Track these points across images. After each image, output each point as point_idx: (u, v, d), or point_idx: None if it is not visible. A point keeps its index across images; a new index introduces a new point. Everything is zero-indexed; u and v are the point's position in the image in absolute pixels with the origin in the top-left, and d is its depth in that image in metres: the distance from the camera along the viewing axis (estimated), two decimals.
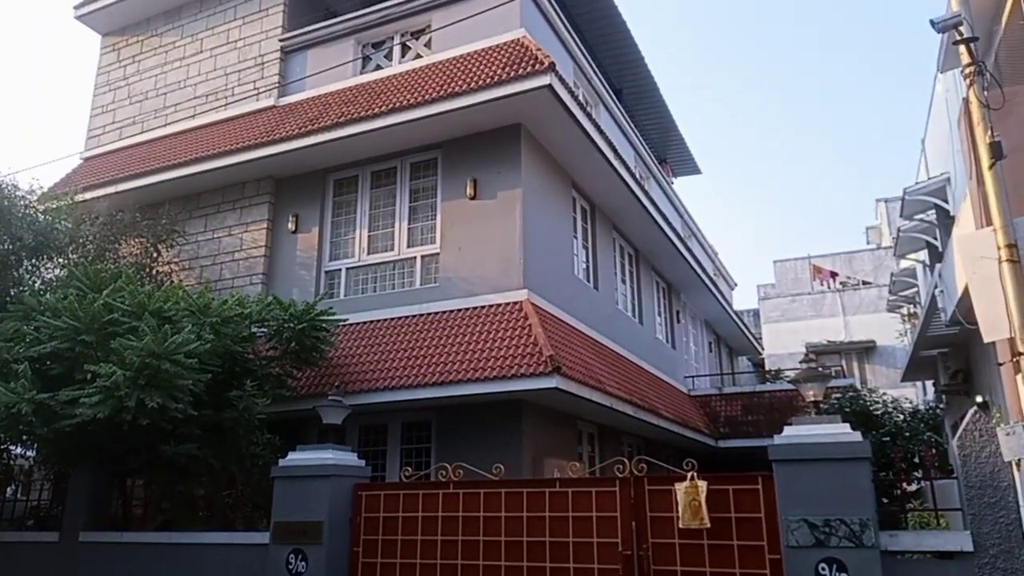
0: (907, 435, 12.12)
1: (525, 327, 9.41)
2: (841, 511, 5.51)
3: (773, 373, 21.92)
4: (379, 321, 10.72)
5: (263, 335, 9.49)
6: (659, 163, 20.16)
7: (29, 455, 10.70)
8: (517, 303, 9.89)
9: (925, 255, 14.91)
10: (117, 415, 7.44)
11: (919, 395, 22.58)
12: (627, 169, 12.99)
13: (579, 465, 9.87)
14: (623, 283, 15.24)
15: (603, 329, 12.75)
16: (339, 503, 7.46)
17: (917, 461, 10.65)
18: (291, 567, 7.32)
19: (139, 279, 10.25)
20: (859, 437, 5.73)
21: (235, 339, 8.83)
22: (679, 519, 6.09)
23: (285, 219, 12.11)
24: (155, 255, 12.05)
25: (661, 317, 17.79)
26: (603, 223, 14.00)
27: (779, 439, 5.96)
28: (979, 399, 9.66)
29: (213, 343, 8.30)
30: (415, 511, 7.20)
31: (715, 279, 22.40)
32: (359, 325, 10.78)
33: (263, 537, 7.77)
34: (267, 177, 12.33)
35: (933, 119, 13.47)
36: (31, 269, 10.57)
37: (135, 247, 11.84)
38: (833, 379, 12.46)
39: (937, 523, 7.01)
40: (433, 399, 9.40)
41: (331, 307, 9.98)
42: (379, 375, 9.73)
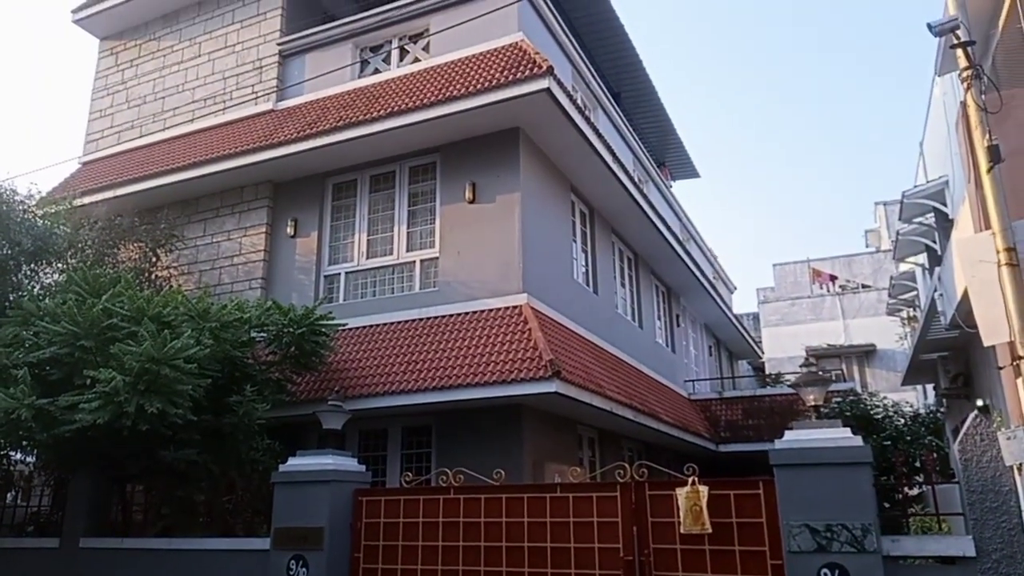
0: (908, 439, 12.12)
1: (525, 331, 9.40)
2: (843, 516, 5.50)
3: (773, 377, 21.89)
4: (379, 325, 10.72)
5: (262, 340, 9.47)
6: (658, 166, 20.18)
7: (29, 461, 10.70)
8: (516, 307, 9.88)
9: (924, 258, 14.89)
10: (117, 420, 7.44)
11: (919, 399, 22.58)
12: (626, 173, 12.99)
13: (580, 470, 9.86)
14: (622, 287, 15.24)
15: (603, 333, 12.74)
16: (340, 509, 7.44)
17: (918, 465, 10.67)
18: (292, 573, 7.30)
19: (138, 284, 10.24)
20: (860, 441, 5.72)
21: (234, 344, 8.83)
22: (680, 524, 6.08)
23: (284, 223, 12.10)
24: (154, 260, 12.04)
25: (661, 321, 17.78)
26: (602, 227, 14.00)
27: (780, 444, 5.96)
28: (980, 403, 9.63)
29: (212, 348, 8.30)
30: (416, 517, 7.18)
31: (714, 282, 22.41)
32: (358, 329, 10.78)
33: (263, 543, 7.75)
34: (266, 181, 12.33)
35: (931, 122, 13.49)
36: (30, 274, 10.55)
37: (134, 252, 11.84)
38: (833, 383, 12.43)
39: (939, 528, 7.00)
40: (433, 404, 9.39)
41: (330, 312, 9.96)
42: (379, 380, 9.72)
